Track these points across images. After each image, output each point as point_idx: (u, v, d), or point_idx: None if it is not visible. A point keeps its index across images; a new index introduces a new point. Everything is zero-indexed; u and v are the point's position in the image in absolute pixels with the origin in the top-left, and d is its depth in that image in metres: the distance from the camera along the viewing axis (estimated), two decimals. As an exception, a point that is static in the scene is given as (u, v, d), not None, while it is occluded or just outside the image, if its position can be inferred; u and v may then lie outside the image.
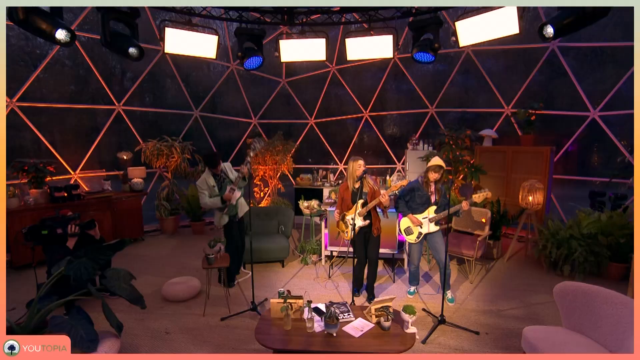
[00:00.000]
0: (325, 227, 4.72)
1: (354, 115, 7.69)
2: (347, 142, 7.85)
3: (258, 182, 6.89)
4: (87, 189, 5.79)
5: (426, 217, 3.56)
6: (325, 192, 6.53)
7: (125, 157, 6.41)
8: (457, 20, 3.83)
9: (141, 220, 5.97)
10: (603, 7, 2.79)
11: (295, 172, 7.51)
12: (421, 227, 3.58)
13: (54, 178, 5.22)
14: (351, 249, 3.59)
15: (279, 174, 7.15)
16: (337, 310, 2.66)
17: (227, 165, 3.94)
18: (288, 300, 2.57)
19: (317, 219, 5.22)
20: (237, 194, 3.86)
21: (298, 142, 7.55)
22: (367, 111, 7.49)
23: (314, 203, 5.04)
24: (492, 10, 3.55)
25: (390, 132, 7.95)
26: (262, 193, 7.44)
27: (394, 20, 4.47)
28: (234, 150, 7.57)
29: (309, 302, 2.58)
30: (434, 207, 3.54)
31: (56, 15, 3.20)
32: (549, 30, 2.94)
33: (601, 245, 4.22)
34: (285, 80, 7.66)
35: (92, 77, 5.99)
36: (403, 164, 7.24)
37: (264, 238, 4.71)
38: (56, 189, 4.98)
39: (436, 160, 3.43)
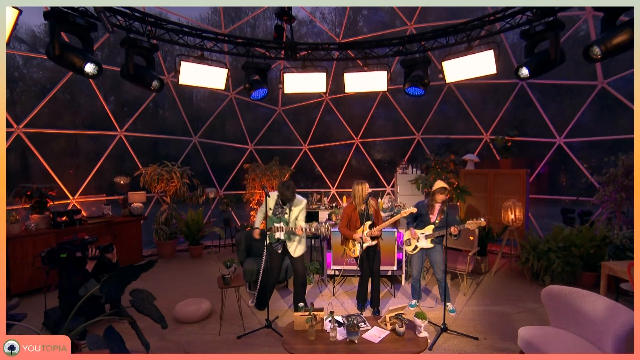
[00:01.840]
0: (328, 247, 4.98)
1: (346, 142, 8.18)
2: (338, 166, 8.27)
3: (254, 206, 7.09)
4: (85, 213, 5.77)
5: (423, 233, 3.97)
6: (322, 214, 6.81)
7: (122, 182, 6.47)
8: (443, 61, 4.41)
9: (140, 244, 5.99)
10: (558, 49, 3.43)
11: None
12: (418, 241, 4.01)
13: (55, 203, 5.23)
14: (359, 268, 3.89)
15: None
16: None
17: (300, 200, 3.81)
18: (312, 312, 2.80)
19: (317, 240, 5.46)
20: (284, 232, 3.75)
21: (293, 166, 7.88)
22: (358, 137, 7.99)
23: (315, 225, 5.30)
24: (473, 53, 4.16)
25: (379, 157, 8.47)
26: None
27: (386, 58, 5.03)
28: (231, 175, 7.78)
29: (332, 312, 2.83)
30: (432, 226, 3.94)
31: (87, 50, 3.47)
32: (525, 72, 3.54)
33: (575, 256, 4.73)
34: (281, 109, 8.08)
35: (82, 102, 6.11)
36: (392, 187, 7.70)
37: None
38: (58, 214, 4.98)
39: (439, 184, 3.90)
